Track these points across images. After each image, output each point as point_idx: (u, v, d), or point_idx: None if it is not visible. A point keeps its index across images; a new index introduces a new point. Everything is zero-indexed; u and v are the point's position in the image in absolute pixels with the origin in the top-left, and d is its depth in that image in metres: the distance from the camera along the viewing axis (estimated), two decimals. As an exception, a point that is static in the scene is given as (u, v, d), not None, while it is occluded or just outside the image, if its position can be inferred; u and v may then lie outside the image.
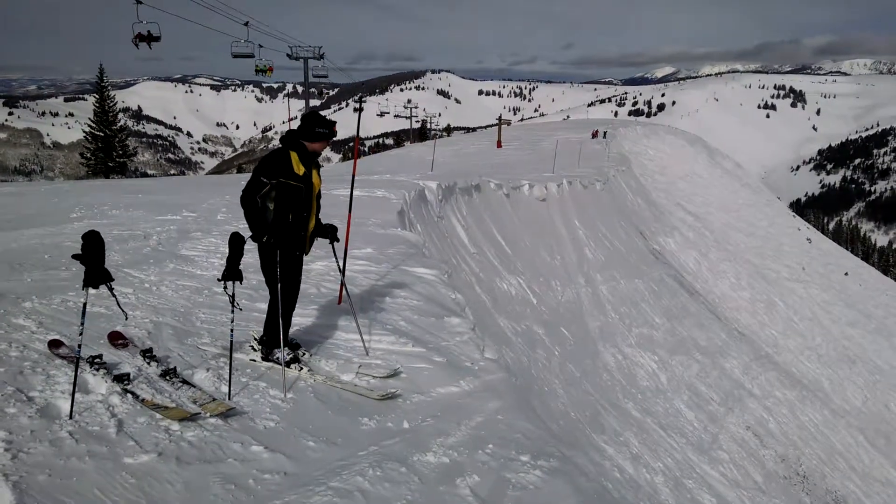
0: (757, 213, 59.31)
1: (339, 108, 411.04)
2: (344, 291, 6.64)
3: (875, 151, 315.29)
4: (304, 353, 5.36)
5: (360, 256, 8.60)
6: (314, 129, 4.86)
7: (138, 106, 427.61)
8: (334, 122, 4.98)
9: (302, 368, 5.17)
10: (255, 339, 5.41)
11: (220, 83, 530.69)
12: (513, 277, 15.36)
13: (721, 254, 39.57)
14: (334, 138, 5.04)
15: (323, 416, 4.50)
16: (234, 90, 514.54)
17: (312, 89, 44.84)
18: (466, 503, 3.55)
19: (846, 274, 57.78)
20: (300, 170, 4.86)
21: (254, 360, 5.26)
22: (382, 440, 4.18)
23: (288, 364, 5.16)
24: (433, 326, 6.53)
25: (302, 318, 6.37)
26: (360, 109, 6.62)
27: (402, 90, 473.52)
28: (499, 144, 46.80)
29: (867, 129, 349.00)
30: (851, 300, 49.67)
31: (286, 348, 5.26)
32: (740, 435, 17.61)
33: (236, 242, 4.64)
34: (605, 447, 11.24)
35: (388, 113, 68.90)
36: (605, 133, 58.20)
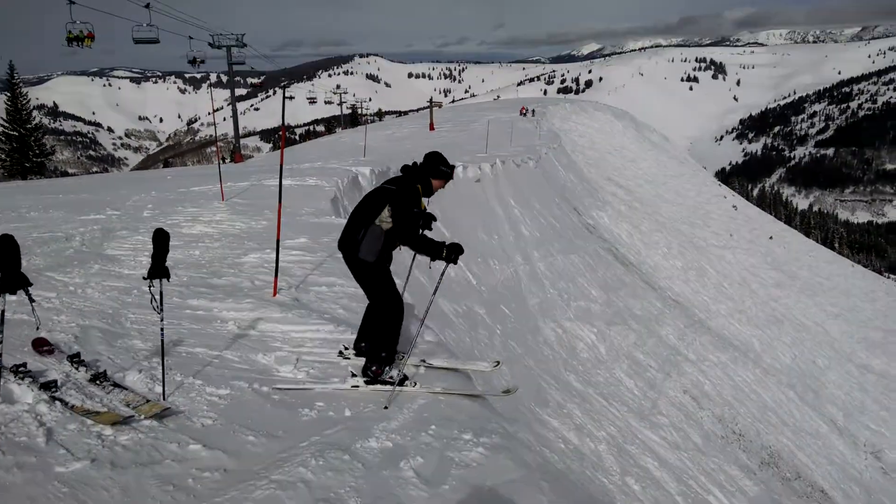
0: (685, 183, 61.11)
1: (266, 97, 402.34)
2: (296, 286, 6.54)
3: (793, 119, 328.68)
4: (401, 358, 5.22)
5: (294, 247, 8.49)
6: (439, 168, 5.04)
7: (53, 102, 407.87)
8: (454, 166, 5.18)
9: (415, 384, 4.96)
10: (351, 368, 5.15)
11: (139, 75, 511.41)
12: (451, 259, 15.40)
13: (652, 225, 40.65)
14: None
15: (262, 409, 4.45)
16: (156, 82, 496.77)
17: (238, 78, 43.83)
18: (411, 485, 3.57)
19: (771, 238, 60.27)
20: (422, 205, 5.01)
21: (356, 387, 4.94)
22: (324, 430, 4.16)
23: (401, 383, 4.91)
24: (372, 312, 6.50)
25: (238, 312, 6.26)
26: (284, 95, 6.51)
27: (330, 76, 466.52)
28: (431, 127, 46.74)
29: (784, 98, 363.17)
30: (777, 263, 51.84)
31: (396, 368, 5.09)
32: (678, 399, 18.22)
33: (161, 239, 4.49)
34: (550, 420, 11.46)
35: (316, 100, 67.59)
36: (532, 111, 58.75)
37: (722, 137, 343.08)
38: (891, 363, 45.20)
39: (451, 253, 4.87)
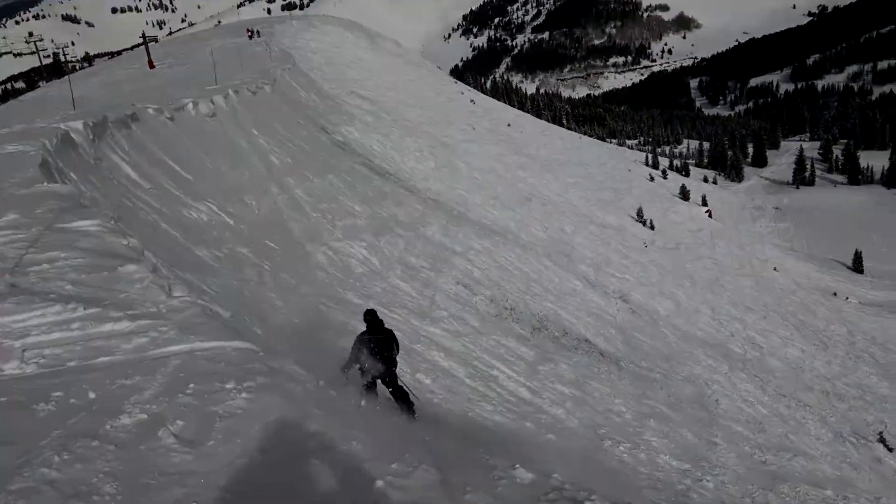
0: (424, 85, 62.75)
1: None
2: None
3: (509, 9, 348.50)
4: None
5: (1, 226, 7.37)
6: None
7: None
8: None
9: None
10: None
11: None
12: (201, 203, 14.51)
13: (401, 131, 41.49)
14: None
15: (-13, 418, 3.86)
16: None
17: None
18: (173, 452, 3.35)
19: (509, 125, 64.60)
20: None
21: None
22: (67, 420, 3.72)
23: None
24: (107, 281, 5.89)
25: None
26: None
27: (17, 23, 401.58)
28: (150, 65, 42.57)
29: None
30: (518, 147, 55.89)
31: None
32: (453, 290, 19.28)
33: None
34: (337, 341, 11.51)
35: (7, 53, 58.47)
36: (258, 32, 55.83)
37: (450, 35, 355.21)
38: (622, 216, 51.70)
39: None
